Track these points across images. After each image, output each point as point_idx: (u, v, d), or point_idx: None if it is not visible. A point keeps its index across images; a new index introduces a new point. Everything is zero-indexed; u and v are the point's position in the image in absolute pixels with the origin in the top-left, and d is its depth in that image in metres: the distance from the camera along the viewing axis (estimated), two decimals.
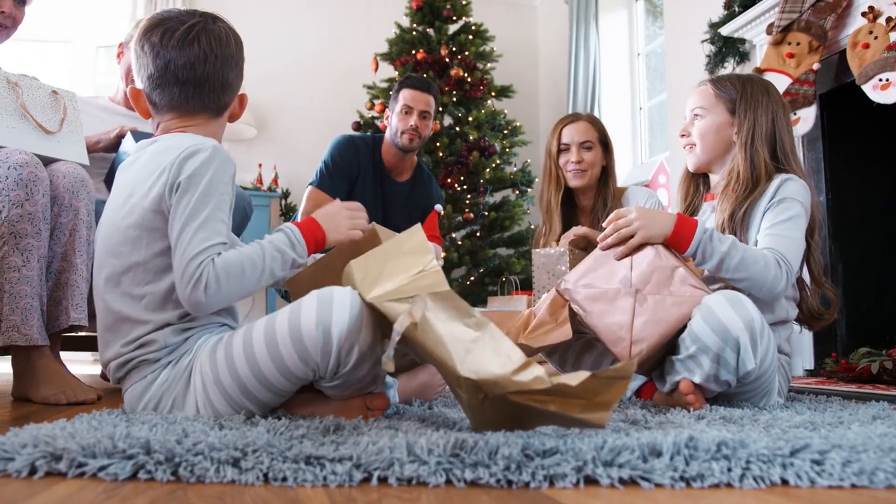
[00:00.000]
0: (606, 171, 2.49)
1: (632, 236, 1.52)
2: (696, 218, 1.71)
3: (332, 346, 1.09)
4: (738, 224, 1.64)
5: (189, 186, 1.18)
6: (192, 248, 1.15)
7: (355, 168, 2.81)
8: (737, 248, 1.51)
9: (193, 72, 1.27)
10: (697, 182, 1.86)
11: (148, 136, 2.12)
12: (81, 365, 3.36)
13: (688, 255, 1.52)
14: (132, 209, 1.22)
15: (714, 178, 1.81)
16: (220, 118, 1.35)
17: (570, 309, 1.54)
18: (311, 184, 2.80)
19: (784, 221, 1.58)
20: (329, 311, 1.10)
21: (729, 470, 0.81)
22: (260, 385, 1.14)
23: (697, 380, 1.40)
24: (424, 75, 4.37)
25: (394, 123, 2.85)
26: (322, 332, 1.09)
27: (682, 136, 1.81)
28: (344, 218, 1.33)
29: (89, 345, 2.69)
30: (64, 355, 2.04)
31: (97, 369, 2.87)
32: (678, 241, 1.51)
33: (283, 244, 1.23)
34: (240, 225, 2.19)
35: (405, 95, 2.85)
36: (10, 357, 1.73)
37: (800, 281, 1.70)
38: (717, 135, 1.74)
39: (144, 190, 1.22)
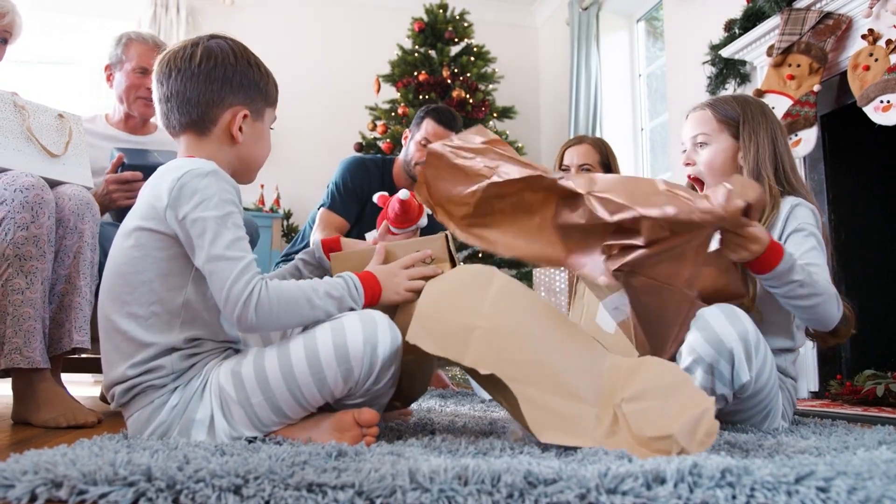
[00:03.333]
0: None
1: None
2: None
3: (377, 364, 1.17)
4: None
5: (202, 211, 1.18)
6: (231, 270, 1.17)
7: (366, 190, 2.79)
8: (813, 278, 1.47)
9: (162, 87, 1.32)
10: None
11: (134, 151, 2.14)
12: (81, 387, 3.35)
13: (769, 276, 1.44)
14: (133, 230, 1.24)
15: None
16: (208, 136, 1.33)
17: None
18: (321, 205, 2.79)
19: (811, 251, 1.58)
20: (374, 331, 1.17)
21: (734, 497, 0.80)
22: (294, 401, 1.18)
23: None
24: (427, 97, 4.39)
25: (410, 150, 2.82)
26: (369, 350, 1.16)
27: (687, 164, 1.78)
28: (403, 279, 1.34)
29: (90, 367, 2.68)
30: (64, 377, 2.04)
31: (97, 391, 2.86)
32: (765, 261, 1.42)
33: (342, 289, 1.26)
34: None
35: (428, 128, 2.79)
36: (10, 379, 1.73)
37: None
38: (726, 163, 1.72)
39: (144, 212, 1.23)
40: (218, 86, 1.31)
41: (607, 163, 2.52)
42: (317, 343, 1.17)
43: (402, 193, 2.02)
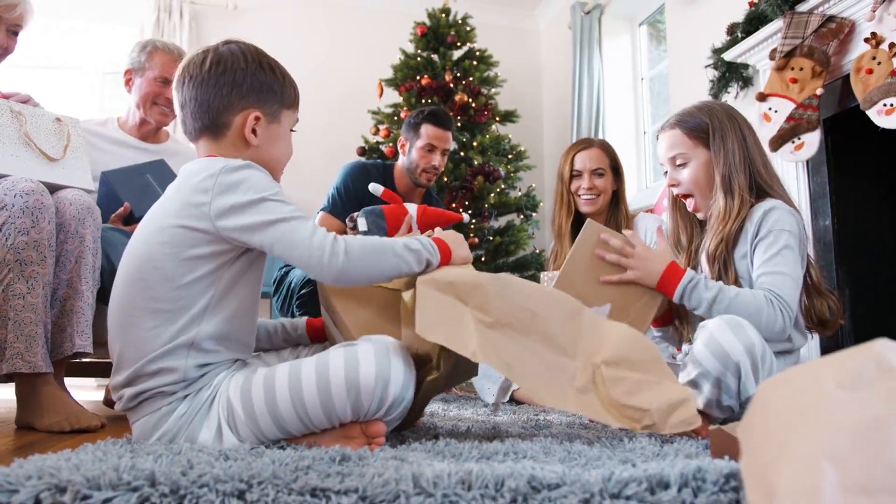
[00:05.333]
0: (617, 196, 2.52)
1: (625, 269, 1.61)
2: (682, 264, 1.71)
3: (388, 399, 1.16)
4: (723, 257, 1.65)
5: (254, 194, 1.20)
6: (306, 224, 1.21)
7: (368, 195, 2.80)
8: (724, 293, 1.54)
9: (178, 94, 1.34)
10: (691, 216, 1.84)
11: (125, 171, 2.14)
12: (85, 391, 3.36)
13: (675, 301, 1.59)
14: (165, 228, 1.23)
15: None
16: (223, 140, 1.34)
17: None
18: (322, 209, 2.80)
19: (774, 256, 1.58)
20: (388, 365, 1.16)
21: (737, 502, 0.80)
22: (300, 422, 1.17)
23: (700, 405, 1.39)
24: (429, 101, 4.40)
25: (413, 158, 2.83)
26: (381, 385, 1.15)
27: (673, 185, 1.79)
28: (464, 241, 1.40)
29: (93, 371, 2.68)
30: (67, 381, 2.04)
31: (100, 395, 2.86)
32: (665, 287, 1.58)
33: (418, 244, 1.29)
34: None
35: (429, 132, 2.81)
36: (13, 384, 1.73)
37: (807, 287, 1.70)
38: (709, 176, 1.73)
39: (180, 210, 1.23)
40: (227, 90, 1.32)
41: (616, 165, 2.53)
42: (329, 372, 1.16)
43: (466, 217, 2.16)
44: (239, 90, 1.32)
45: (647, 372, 1.25)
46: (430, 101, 4.43)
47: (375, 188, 2.22)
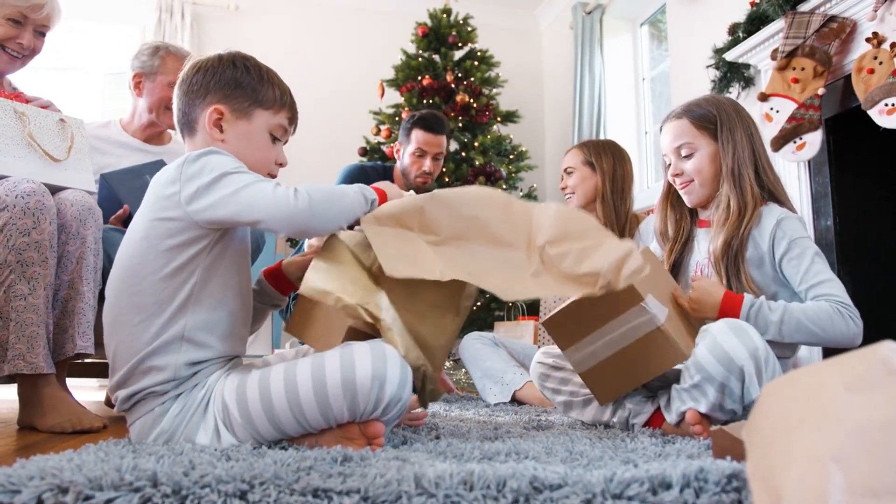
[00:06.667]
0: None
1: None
2: (695, 259, 1.70)
3: (384, 400, 1.15)
4: (734, 258, 1.63)
5: (217, 171, 1.22)
6: (269, 183, 1.22)
7: None
8: (790, 313, 1.50)
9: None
10: (683, 208, 1.83)
11: (124, 172, 2.15)
12: (86, 391, 3.36)
13: None
14: (141, 224, 1.27)
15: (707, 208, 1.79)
16: (197, 138, 1.38)
17: None
18: None
19: (811, 266, 1.57)
20: (384, 366, 1.15)
21: (740, 503, 0.80)
22: (296, 423, 1.17)
23: (703, 409, 1.39)
24: (431, 101, 4.40)
25: (406, 162, 2.85)
26: (378, 385, 1.14)
27: (677, 175, 1.76)
28: (398, 190, 1.43)
29: (95, 371, 2.68)
30: (69, 382, 2.04)
31: (102, 396, 2.86)
32: (726, 316, 1.50)
33: (355, 187, 1.32)
34: (252, 254, 2.20)
35: (419, 137, 2.82)
36: (15, 385, 1.73)
37: None
38: (713, 166, 1.71)
39: (154, 204, 1.26)
40: (197, 87, 1.36)
41: (591, 162, 2.57)
42: (325, 373, 1.15)
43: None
44: (206, 87, 1.36)
45: (586, 238, 1.29)
46: (431, 101, 4.44)
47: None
